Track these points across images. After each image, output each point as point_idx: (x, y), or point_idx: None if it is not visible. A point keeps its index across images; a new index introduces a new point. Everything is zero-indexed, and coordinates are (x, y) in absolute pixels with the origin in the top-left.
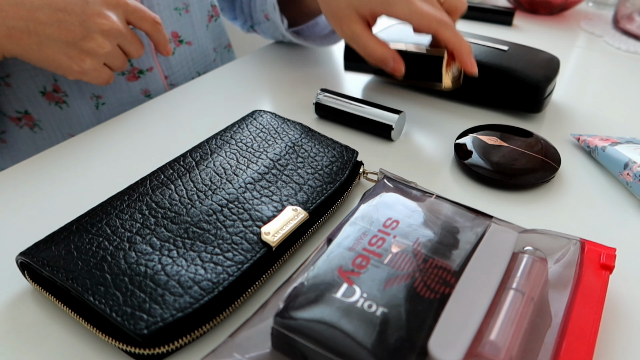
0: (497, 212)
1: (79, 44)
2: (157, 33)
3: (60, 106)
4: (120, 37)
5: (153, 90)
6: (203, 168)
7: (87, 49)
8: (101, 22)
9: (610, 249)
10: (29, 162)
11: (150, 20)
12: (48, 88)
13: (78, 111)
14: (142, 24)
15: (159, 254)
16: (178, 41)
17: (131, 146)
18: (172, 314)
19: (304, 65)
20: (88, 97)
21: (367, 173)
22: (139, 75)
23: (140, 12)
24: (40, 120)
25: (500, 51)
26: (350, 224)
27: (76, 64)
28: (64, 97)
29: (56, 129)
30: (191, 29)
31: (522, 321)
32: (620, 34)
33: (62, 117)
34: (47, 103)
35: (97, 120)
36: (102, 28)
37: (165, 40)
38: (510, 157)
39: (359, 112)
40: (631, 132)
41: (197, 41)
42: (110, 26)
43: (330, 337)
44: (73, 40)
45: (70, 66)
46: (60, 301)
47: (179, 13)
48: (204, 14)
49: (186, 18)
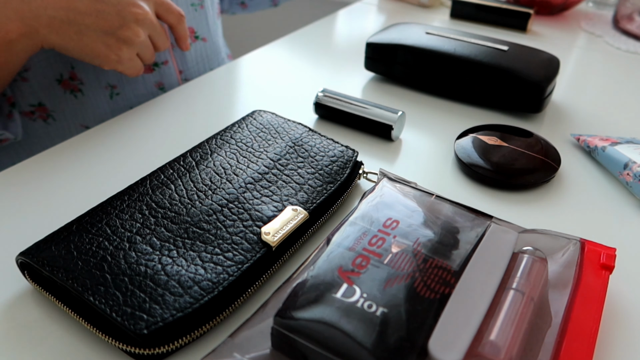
0: (497, 212)
1: (117, 33)
2: (180, 26)
3: (75, 95)
4: (152, 28)
5: (167, 84)
6: (203, 168)
7: (123, 38)
8: (136, 11)
9: (610, 249)
10: (29, 162)
11: (176, 13)
12: (65, 76)
13: (92, 100)
14: (168, 16)
15: (159, 253)
16: (194, 37)
17: (130, 147)
18: (172, 314)
19: (304, 65)
20: (103, 86)
21: (367, 173)
22: (154, 68)
23: (168, 4)
24: (54, 111)
25: (500, 51)
26: (350, 224)
27: (114, 52)
28: (80, 86)
29: (70, 120)
30: (206, 25)
31: (522, 321)
32: (620, 34)
33: (77, 106)
34: (62, 92)
35: (111, 110)
36: (137, 17)
37: (186, 35)
38: (510, 157)
39: (359, 112)
40: (631, 132)
41: (210, 38)
42: (145, 15)
43: (330, 337)
44: (111, 29)
45: (108, 55)
46: (60, 301)
47: (195, 9)
48: (215, 10)
49: (201, 13)
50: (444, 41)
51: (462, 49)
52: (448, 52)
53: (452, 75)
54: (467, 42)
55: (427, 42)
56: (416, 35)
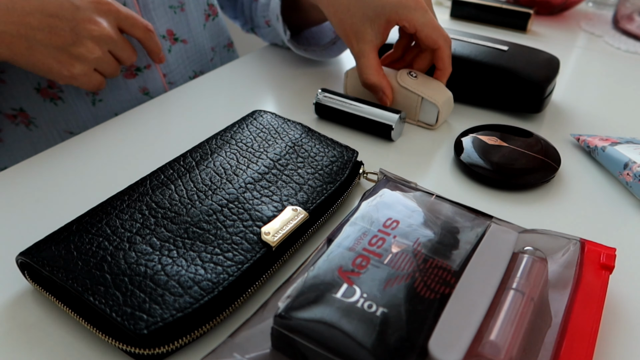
0: (497, 212)
1: (69, 49)
2: (149, 40)
3: (55, 102)
4: (112, 44)
5: (152, 88)
6: (203, 168)
7: (76, 54)
8: (91, 28)
9: (610, 249)
10: (29, 162)
11: (142, 27)
12: (43, 84)
13: (74, 107)
14: (134, 31)
15: (159, 254)
16: (173, 39)
17: (131, 146)
18: (172, 314)
19: (304, 65)
20: (84, 93)
21: (367, 173)
22: (137, 73)
23: (132, 19)
24: (35, 118)
25: (500, 51)
26: (350, 224)
27: (66, 68)
28: (59, 93)
29: (52, 126)
30: (186, 27)
31: (522, 321)
32: (620, 34)
33: (58, 113)
34: (42, 100)
35: (94, 116)
36: (92, 34)
37: (157, 48)
38: (510, 157)
39: (359, 112)
40: (631, 132)
41: (192, 39)
42: (101, 32)
43: (331, 337)
44: (63, 45)
45: (60, 71)
46: (60, 301)
47: (174, 11)
48: (200, 13)
49: (181, 16)
50: None
51: (462, 49)
52: None
53: (452, 75)
54: (467, 42)
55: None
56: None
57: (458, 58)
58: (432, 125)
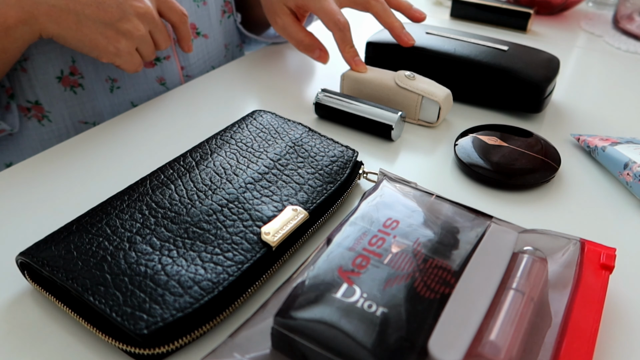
0: (497, 212)
1: (116, 25)
2: (183, 25)
3: (75, 90)
4: (153, 24)
5: (168, 80)
6: (203, 168)
7: (123, 30)
8: (137, 5)
9: (610, 249)
10: (28, 163)
11: (179, 11)
12: (65, 71)
13: (92, 95)
14: (170, 14)
15: (159, 254)
16: (196, 33)
17: (130, 147)
18: (172, 314)
19: (304, 65)
20: (104, 79)
21: (367, 173)
22: (156, 63)
23: (171, 2)
24: (50, 112)
25: (500, 51)
26: (350, 224)
27: (112, 44)
28: (80, 80)
29: (67, 119)
30: (208, 22)
31: (522, 321)
32: (620, 34)
33: (75, 103)
34: (61, 89)
35: (110, 105)
36: (138, 11)
37: (188, 35)
38: (510, 157)
39: (359, 112)
40: (631, 132)
41: (212, 35)
42: (146, 10)
43: (331, 337)
44: (110, 20)
45: (106, 46)
46: (60, 301)
47: (197, 5)
48: (218, 9)
49: (203, 10)
50: (444, 41)
51: (462, 49)
52: (448, 52)
53: (452, 75)
54: (467, 42)
55: (427, 42)
56: (416, 35)
57: (458, 58)
58: (433, 123)
